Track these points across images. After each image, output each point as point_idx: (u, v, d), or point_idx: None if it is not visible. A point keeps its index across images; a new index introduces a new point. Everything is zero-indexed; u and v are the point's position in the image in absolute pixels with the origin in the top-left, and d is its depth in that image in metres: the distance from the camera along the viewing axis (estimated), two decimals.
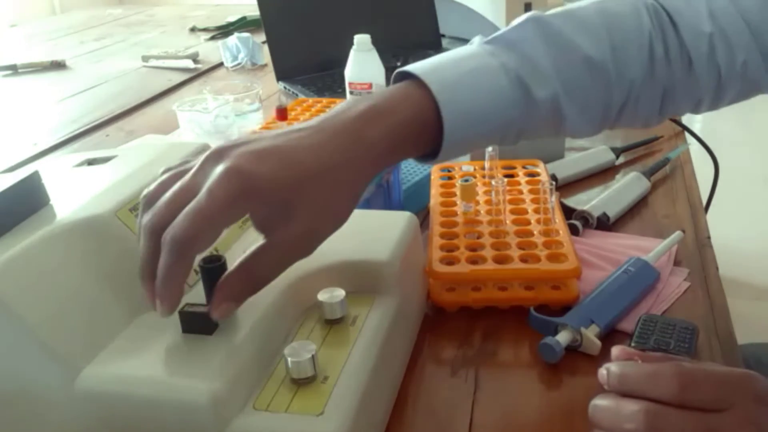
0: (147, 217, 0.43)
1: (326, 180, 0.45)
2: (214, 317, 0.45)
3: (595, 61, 0.55)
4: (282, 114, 0.98)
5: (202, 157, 0.44)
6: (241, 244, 0.58)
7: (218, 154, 0.44)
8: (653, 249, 0.69)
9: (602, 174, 0.92)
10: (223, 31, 1.91)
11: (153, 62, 1.63)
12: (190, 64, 1.58)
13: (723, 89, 0.59)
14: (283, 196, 0.43)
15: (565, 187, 0.89)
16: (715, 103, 0.61)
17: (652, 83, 0.57)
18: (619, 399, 0.43)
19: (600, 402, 0.44)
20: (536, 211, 0.73)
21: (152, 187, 0.46)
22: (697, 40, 0.57)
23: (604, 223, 0.78)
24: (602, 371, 0.45)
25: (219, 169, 0.42)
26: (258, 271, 0.45)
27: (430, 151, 0.53)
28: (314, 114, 1.05)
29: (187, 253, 0.43)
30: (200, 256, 0.45)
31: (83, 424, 0.44)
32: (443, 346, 0.61)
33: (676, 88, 0.58)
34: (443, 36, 1.54)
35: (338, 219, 0.47)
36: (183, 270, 0.43)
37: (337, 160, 0.45)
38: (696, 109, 0.62)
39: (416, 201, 0.81)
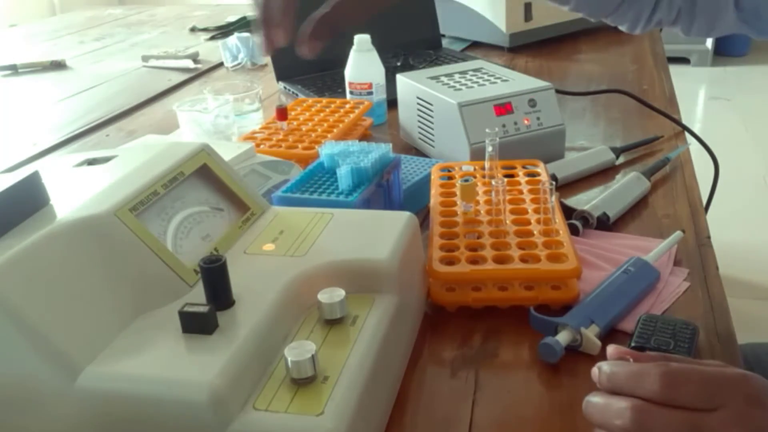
0: None
1: None
2: (303, 53, 0.53)
3: None
4: (282, 114, 0.98)
5: None
6: (242, 244, 0.59)
7: None
8: (653, 249, 0.69)
9: (602, 174, 0.92)
10: (223, 31, 1.91)
11: (153, 62, 1.63)
12: (190, 64, 1.58)
13: None
14: None
15: (565, 187, 0.89)
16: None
17: None
18: (609, 396, 0.44)
19: (592, 398, 0.45)
20: (536, 211, 0.73)
21: None
22: None
23: (604, 223, 0.78)
24: (594, 370, 0.46)
25: None
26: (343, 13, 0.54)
27: None
28: (314, 114, 1.05)
29: None
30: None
31: (84, 423, 0.44)
32: (443, 346, 0.61)
33: None
34: (443, 36, 1.54)
35: None
36: None
37: None
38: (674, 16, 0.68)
39: (416, 201, 0.81)
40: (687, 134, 1.04)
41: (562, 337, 0.57)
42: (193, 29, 2.00)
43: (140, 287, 0.50)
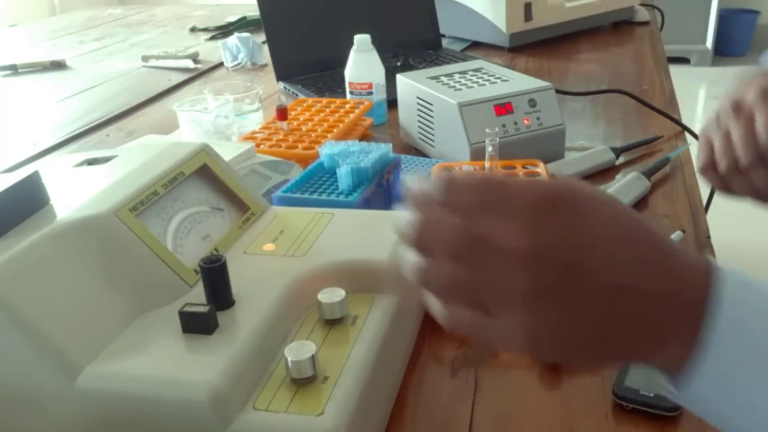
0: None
1: None
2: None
3: None
4: (282, 114, 0.98)
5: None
6: (241, 243, 0.58)
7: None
8: None
9: (602, 174, 0.92)
10: (223, 31, 1.91)
11: (153, 62, 1.63)
12: (190, 64, 1.58)
13: None
14: None
15: None
16: None
17: None
18: (406, 210, 0.39)
19: (397, 211, 0.40)
20: None
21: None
22: None
23: None
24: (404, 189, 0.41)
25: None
26: None
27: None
28: (314, 114, 1.05)
29: None
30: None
31: (84, 423, 0.44)
32: (443, 346, 0.61)
33: None
34: (443, 36, 1.54)
35: None
36: None
37: None
38: None
39: None
40: (687, 134, 1.04)
41: None
42: (193, 29, 2.00)
43: (140, 287, 0.50)
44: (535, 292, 0.34)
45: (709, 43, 3.90)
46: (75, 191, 0.55)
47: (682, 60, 3.85)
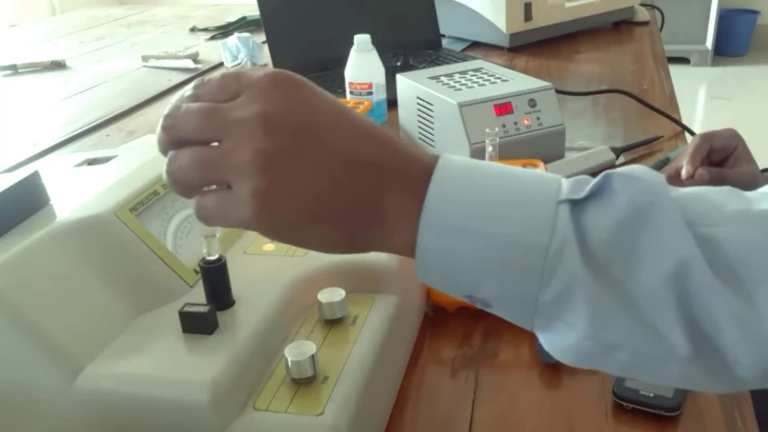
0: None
1: None
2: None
3: None
4: None
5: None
6: (241, 244, 0.58)
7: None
8: None
9: None
10: (223, 31, 1.91)
11: (153, 62, 1.63)
12: (190, 64, 1.58)
13: None
14: None
15: None
16: None
17: None
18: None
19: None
20: None
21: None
22: None
23: None
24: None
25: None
26: None
27: None
28: None
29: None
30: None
31: (84, 423, 0.44)
32: (443, 346, 0.61)
33: None
34: (443, 36, 1.54)
35: None
36: None
37: None
38: None
39: None
40: (687, 134, 1.04)
41: None
42: (193, 29, 2.00)
43: (140, 287, 0.50)
44: (267, 156, 0.36)
45: (709, 43, 3.90)
46: (75, 191, 0.55)
47: (682, 60, 3.85)
